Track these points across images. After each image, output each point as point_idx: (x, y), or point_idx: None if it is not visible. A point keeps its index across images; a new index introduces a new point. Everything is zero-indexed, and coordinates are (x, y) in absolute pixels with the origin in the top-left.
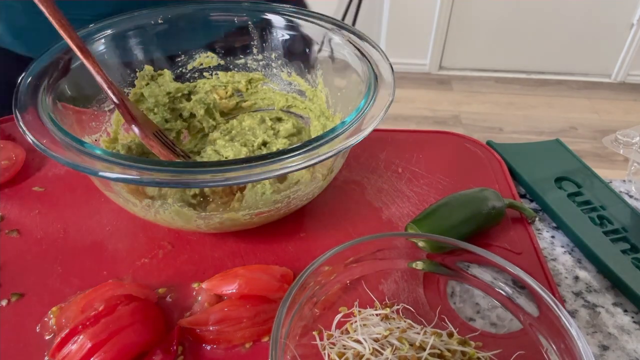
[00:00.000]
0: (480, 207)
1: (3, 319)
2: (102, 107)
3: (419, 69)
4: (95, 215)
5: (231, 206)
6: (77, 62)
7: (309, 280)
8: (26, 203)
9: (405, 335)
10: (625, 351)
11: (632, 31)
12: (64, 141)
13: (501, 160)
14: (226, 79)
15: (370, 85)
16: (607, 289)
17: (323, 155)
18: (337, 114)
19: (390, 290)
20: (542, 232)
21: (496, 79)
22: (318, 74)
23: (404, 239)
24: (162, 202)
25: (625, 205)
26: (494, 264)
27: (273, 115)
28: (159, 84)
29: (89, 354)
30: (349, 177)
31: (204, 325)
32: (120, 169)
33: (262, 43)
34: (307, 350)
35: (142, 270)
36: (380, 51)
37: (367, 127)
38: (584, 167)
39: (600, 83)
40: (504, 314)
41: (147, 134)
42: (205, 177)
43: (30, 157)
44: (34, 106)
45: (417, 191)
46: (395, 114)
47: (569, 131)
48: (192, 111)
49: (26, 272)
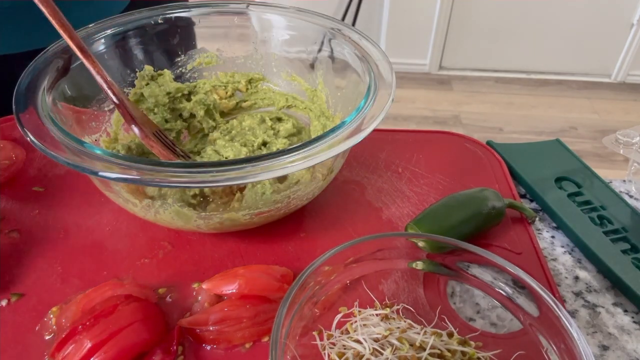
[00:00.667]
0: (480, 207)
1: (3, 319)
2: (102, 107)
3: (419, 69)
4: (95, 215)
5: (231, 206)
6: (77, 62)
7: (309, 280)
8: (26, 203)
9: (405, 335)
10: (625, 351)
11: (632, 31)
12: (64, 141)
13: (501, 160)
14: (226, 79)
15: (370, 85)
16: (607, 289)
17: (323, 155)
18: (337, 114)
19: (390, 290)
20: (542, 232)
21: (496, 79)
22: (318, 74)
23: (404, 239)
24: (162, 202)
25: (625, 205)
26: (494, 264)
27: (273, 115)
28: (159, 84)
29: (89, 354)
30: (349, 177)
31: (204, 325)
32: (120, 169)
33: (262, 43)
34: (307, 350)
35: (142, 270)
36: (380, 51)
37: (367, 127)
38: (584, 167)
39: (600, 83)
40: (504, 314)
41: (147, 134)
42: (205, 177)
43: (30, 157)
44: (34, 106)
45: (417, 191)
46: (395, 114)
47: (569, 131)
48: (192, 111)
49: (26, 272)
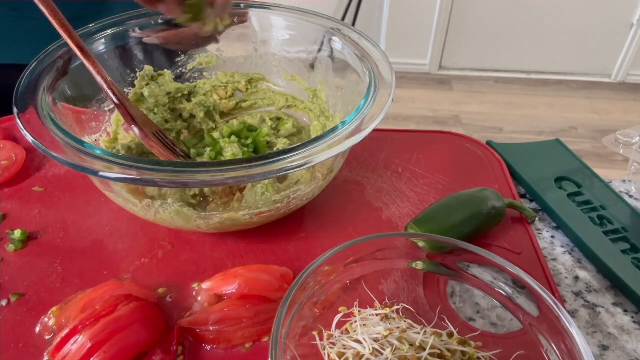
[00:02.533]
0: (480, 207)
1: (3, 319)
2: (102, 107)
3: (419, 69)
4: (95, 215)
5: (231, 206)
6: (77, 62)
7: (309, 280)
8: (26, 203)
9: (405, 335)
10: (625, 351)
11: (632, 31)
12: (64, 141)
13: (501, 160)
14: (226, 79)
15: (370, 85)
16: (607, 289)
17: (323, 155)
18: (337, 114)
19: (390, 290)
20: (542, 232)
21: (496, 79)
22: (318, 74)
23: (404, 239)
24: (162, 202)
25: (625, 205)
26: (494, 264)
27: (273, 115)
28: (159, 84)
29: (89, 354)
30: (349, 177)
31: (204, 325)
32: (120, 169)
33: (262, 43)
34: (307, 350)
35: (142, 270)
36: (380, 51)
37: (367, 127)
38: (584, 167)
39: (600, 83)
40: (504, 314)
41: (147, 134)
42: (205, 177)
43: (30, 157)
44: (34, 106)
45: (417, 191)
46: (395, 114)
47: (569, 131)
48: (192, 112)
49: (26, 272)
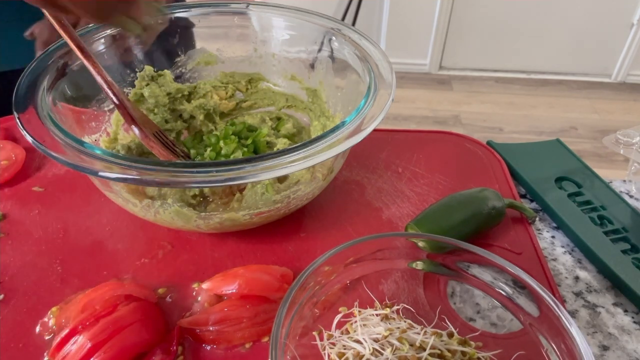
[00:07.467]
0: (480, 207)
1: (3, 319)
2: (102, 107)
3: (419, 69)
4: (95, 215)
5: (231, 206)
6: (77, 62)
7: (309, 280)
8: (26, 203)
9: (405, 336)
10: (626, 351)
11: (632, 31)
12: (64, 141)
13: (501, 160)
14: (226, 79)
15: (370, 85)
16: (607, 289)
17: (323, 155)
18: (337, 114)
19: (390, 290)
20: (542, 232)
21: (496, 79)
22: (318, 74)
23: (404, 239)
24: (162, 202)
25: (625, 205)
26: (494, 264)
27: (273, 115)
28: (159, 85)
29: (89, 354)
30: (349, 177)
31: (203, 325)
32: (120, 169)
33: (262, 43)
34: (307, 351)
35: (142, 270)
36: (380, 51)
37: (367, 127)
38: (584, 167)
39: (600, 83)
40: (504, 314)
41: (147, 134)
42: (205, 177)
43: (30, 157)
44: (33, 106)
45: (417, 191)
46: (395, 114)
47: (569, 131)
48: (192, 113)
49: (26, 272)
